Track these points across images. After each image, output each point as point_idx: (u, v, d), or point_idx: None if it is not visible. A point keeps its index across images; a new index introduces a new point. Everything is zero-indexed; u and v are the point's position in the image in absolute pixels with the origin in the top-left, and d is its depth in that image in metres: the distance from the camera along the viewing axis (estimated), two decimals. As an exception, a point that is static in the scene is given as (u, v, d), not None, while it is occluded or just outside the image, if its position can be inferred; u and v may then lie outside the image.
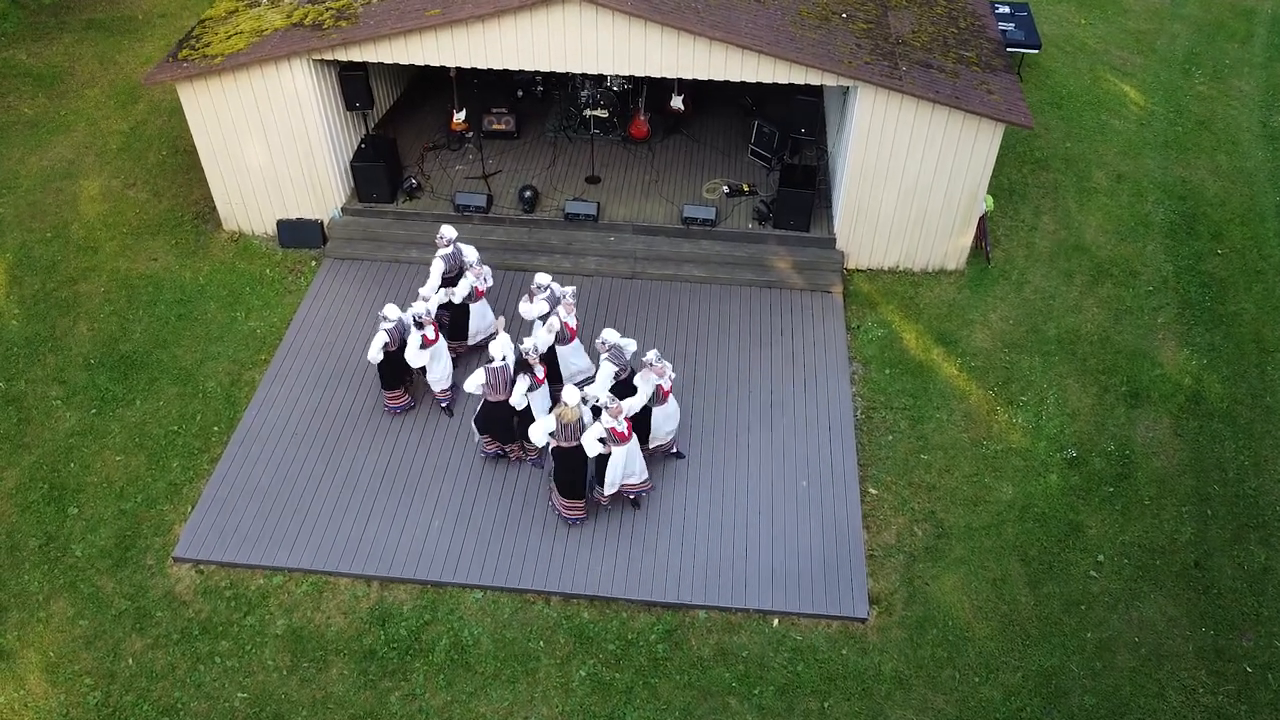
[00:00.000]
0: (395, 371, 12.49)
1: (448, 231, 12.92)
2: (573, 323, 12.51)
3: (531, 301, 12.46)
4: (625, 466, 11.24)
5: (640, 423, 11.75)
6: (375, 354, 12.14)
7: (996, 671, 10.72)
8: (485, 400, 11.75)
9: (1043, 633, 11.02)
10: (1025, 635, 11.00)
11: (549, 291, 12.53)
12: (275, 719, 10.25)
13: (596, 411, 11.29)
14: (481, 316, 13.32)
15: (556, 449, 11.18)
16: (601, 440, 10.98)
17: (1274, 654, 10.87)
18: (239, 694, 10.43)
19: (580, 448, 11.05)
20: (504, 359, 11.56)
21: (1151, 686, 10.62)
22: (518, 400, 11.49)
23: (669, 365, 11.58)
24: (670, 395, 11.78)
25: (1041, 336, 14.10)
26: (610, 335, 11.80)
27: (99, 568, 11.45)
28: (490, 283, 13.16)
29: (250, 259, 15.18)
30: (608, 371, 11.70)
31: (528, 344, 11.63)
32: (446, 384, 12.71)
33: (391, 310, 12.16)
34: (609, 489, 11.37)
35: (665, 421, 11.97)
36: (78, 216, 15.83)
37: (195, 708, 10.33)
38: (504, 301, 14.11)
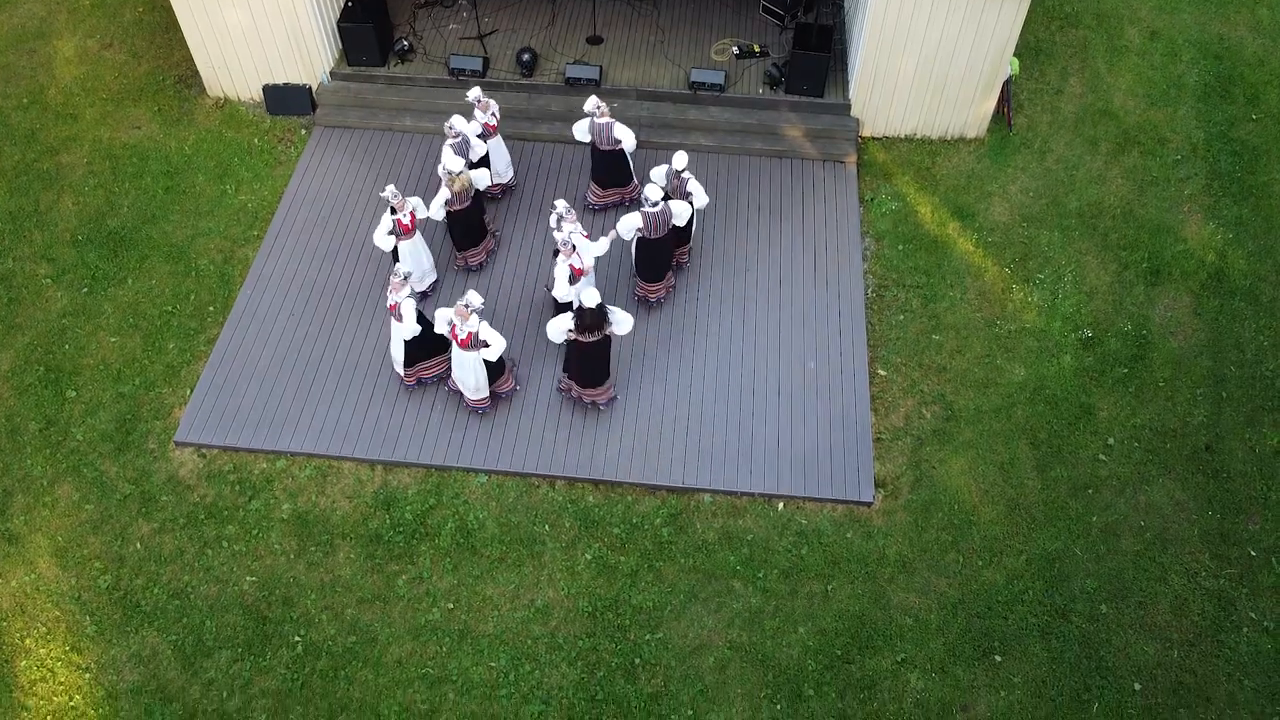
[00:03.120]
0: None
1: (457, 122, 12.13)
2: (493, 122, 12.64)
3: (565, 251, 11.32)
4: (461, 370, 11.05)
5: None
6: (437, 210, 11.90)
7: (1000, 555, 10.76)
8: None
9: (1048, 516, 11.01)
10: (1030, 519, 10.99)
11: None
12: (284, 602, 10.39)
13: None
14: (500, 155, 13.03)
15: (452, 212, 11.93)
16: (391, 233, 11.50)
17: (1279, 538, 10.87)
18: (248, 578, 10.53)
19: (474, 208, 12.05)
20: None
21: (1154, 570, 10.67)
22: (562, 293, 11.14)
23: (493, 102, 12.57)
24: (496, 130, 12.69)
25: (1062, 210, 13.55)
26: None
27: (101, 451, 11.39)
28: (497, 117, 12.71)
29: (238, 127, 14.51)
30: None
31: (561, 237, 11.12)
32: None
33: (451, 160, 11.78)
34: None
35: (497, 159, 12.89)
36: (54, 80, 15.06)
37: (205, 591, 10.46)
38: (520, 176, 13.68)
